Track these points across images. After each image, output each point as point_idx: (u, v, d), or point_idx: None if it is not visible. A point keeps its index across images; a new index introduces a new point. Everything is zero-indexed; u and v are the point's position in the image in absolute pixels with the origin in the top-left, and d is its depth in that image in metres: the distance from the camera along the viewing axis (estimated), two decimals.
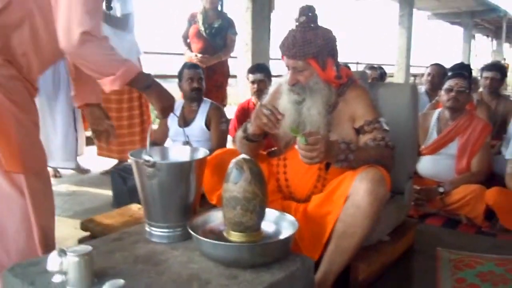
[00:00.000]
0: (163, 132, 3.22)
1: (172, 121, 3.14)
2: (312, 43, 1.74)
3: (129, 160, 3.49)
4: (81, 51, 1.46)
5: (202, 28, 4.01)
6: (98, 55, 1.47)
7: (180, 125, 3.10)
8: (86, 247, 1.28)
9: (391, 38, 11.68)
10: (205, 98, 3.25)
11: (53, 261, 1.29)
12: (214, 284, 1.29)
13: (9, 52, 1.54)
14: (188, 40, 4.15)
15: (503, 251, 2.34)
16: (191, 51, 4.05)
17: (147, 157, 1.49)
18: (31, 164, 1.59)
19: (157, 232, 1.57)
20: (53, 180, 3.57)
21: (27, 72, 1.61)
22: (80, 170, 3.92)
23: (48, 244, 1.65)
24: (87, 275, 1.26)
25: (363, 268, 1.85)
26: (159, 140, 3.21)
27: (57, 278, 1.29)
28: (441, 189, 2.80)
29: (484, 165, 2.92)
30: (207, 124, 3.13)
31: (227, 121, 3.25)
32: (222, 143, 3.10)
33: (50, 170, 3.50)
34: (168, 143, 3.32)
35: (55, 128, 3.43)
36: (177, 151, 1.76)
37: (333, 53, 1.82)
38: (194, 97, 3.12)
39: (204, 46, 4.02)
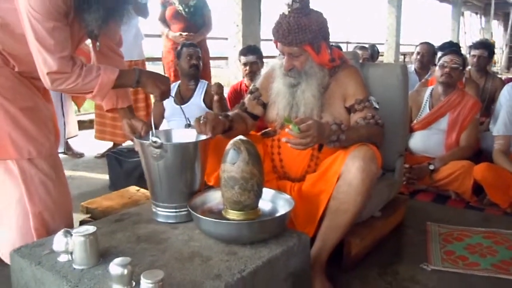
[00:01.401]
0: (160, 113, 3.26)
1: (168, 101, 3.17)
2: (307, 30, 1.76)
3: (124, 144, 3.50)
4: (55, 88, 1.54)
5: (181, 8, 4.04)
6: (70, 85, 1.53)
7: (177, 104, 3.13)
8: (91, 227, 1.33)
9: (381, 16, 11.62)
10: (201, 80, 3.31)
11: (59, 242, 1.34)
12: (215, 260, 1.34)
13: None
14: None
15: (491, 224, 2.43)
16: (172, 31, 4.08)
17: (154, 138, 1.53)
18: (20, 150, 1.62)
19: (163, 212, 1.62)
20: None
21: (13, 66, 1.64)
22: (74, 154, 3.94)
23: (50, 229, 1.69)
24: (92, 254, 1.31)
25: (356, 243, 1.92)
26: (155, 121, 3.23)
27: (63, 258, 1.34)
28: (431, 167, 2.87)
29: (472, 140, 3.00)
30: (205, 102, 3.18)
31: (225, 99, 3.31)
32: None
33: None
34: (164, 124, 3.35)
35: None
36: (181, 133, 1.79)
37: (326, 36, 1.85)
38: (192, 74, 3.19)
39: (185, 25, 4.07)
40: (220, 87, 3.08)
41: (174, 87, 3.27)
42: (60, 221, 1.72)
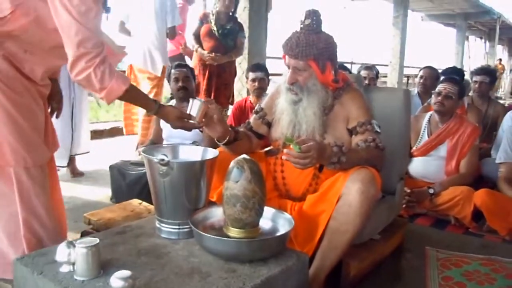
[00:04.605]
0: (158, 133, 3.23)
1: (165, 123, 3.15)
2: (314, 46, 1.82)
3: (134, 158, 3.47)
4: (77, 60, 1.53)
5: (215, 28, 4.13)
6: (91, 62, 1.53)
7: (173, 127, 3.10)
8: (93, 239, 1.35)
9: (385, 38, 11.73)
10: (197, 97, 3.24)
11: (61, 252, 1.36)
12: (214, 277, 1.36)
13: (10, 49, 1.59)
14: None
15: (490, 251, 2.43)
16: (203, 49, 4.16)
17: (161, 156, 1.55)
18: (17, 157, 1.62)
19: (167, 229, 1.63)
20: None
21: (29, 71, 1.66)
22: (74, 172, 3.79)
23: (40, 238, 1.70)
24: (94, 265, 1.33)
25: (355, 265, 1.93)
26: (156, 141, 3.23)
27: (65, 268, 1.36)
28: (431, 191, 2.89)
29: (472, 167, 3.02)
30: None
31: None
32: (214, 143, 3.10)
33: None
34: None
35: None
36: (188, 151, 1.81)
37: (333, 57, 1.90)
38: (180, 96, 3.14)
39: (216, 45, 4.17)
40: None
41: None
42: (52, 231, 1.73)
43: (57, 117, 1.98)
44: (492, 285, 2.04)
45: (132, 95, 1.68)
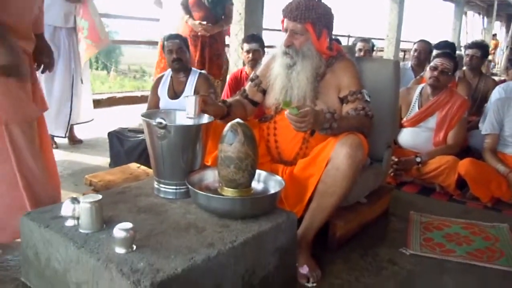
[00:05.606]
0: (155, 102, 3.24)
1: (162, 92, 3.21)
2: (314, 10, 1.92)
3: (129, 125, 3.55)
4: None
5: None
6: None
7: (170, 97, 3.15)
8: (97, 195, 1.45)
9: (383, 12, 11.67)
10: (193, 68, 3.26)
11: (66, 207, 1.46)
12: (209, 231, 1.47)
13: None
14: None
15: (471, 216, 2.56)
16: (193, 19, 4.16)
17: (159, 119, 1.64)
18: (8, 115, 1.68)
19: (165, 189, 1.73)
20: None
21: (18, 21, 1.65)
22: (73, 140, 3.87)
23: (34, 195, 1.78)
24: (97, 219, 1.43)
25: (341, 225, 2.05)
26: (152, 109, 3.27)
27: (70, 222, 1.46)
28: (418, 159, 3.00)
29: (459, 138, 3.12)
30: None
31: (215, 91, 3.27)
32: None
33: None
34: None
35: (50, 96, 3.41)
36: (184, 116, 1.88)
37: (329, 26, 1.98)
38: (176, 68, 3.14)
39: (206, 15, 4.13)
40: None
41: (166, 78, 3.23)
42: (46, 185, 1.81)
43: (49, 71, 1.98)
44: (469, 245, 2.17)
45: None
